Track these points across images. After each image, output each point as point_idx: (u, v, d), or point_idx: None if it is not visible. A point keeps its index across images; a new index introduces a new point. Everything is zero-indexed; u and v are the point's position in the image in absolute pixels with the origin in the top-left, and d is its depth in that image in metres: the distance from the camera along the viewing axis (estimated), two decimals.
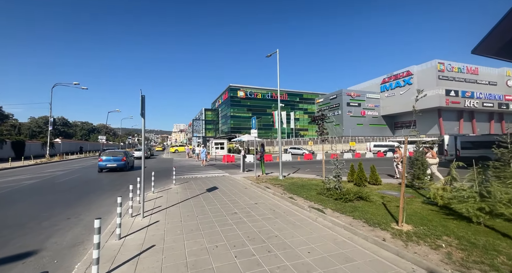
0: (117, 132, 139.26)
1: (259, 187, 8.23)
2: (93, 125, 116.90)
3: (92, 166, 18.72)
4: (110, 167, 14.69)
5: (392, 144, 44.42)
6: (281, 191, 7.28)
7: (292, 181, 9.16)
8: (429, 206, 5.36)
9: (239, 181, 9.76)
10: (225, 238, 3.90)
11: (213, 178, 11.15)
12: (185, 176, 12.19)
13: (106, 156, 15.10)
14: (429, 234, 3.65)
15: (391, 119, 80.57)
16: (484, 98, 65.98)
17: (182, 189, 8.35)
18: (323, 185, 7.14)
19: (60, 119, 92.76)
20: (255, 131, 10.27)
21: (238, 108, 78.89)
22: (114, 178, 11.87)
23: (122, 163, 14.90)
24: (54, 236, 4.35)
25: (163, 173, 13.51)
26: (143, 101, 5.05)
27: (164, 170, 15.46)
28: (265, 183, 8.85)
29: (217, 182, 9.78)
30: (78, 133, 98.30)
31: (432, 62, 65.49)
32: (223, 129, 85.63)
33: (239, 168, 16.37)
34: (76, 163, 22.22)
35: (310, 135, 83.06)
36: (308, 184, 8.40)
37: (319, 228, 4.28)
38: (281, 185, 8.39)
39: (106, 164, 14.60)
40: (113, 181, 10.92)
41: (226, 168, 16.56)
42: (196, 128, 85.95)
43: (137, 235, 4.14)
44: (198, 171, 14.62)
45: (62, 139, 39.67)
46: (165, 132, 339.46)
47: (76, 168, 17.74)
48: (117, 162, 14.79)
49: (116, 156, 15.10)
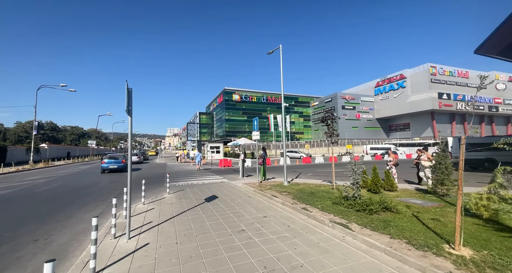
0: (109, 137, 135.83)
1: (264, 195, 7.33)
2: (84, 129, 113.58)
3: (79, 173, 17.38)
4: (112, 168, 16.77)
5: (389, 147, 44.42)
6: (291, 200, 6.40)
7: (299, 188, 8.29)
8: (471, 219, 4.57)
9: (240, 189, 8.83)
10: (235, 270, 2.98)
11: (211, 185, 10.17)
12: (180, 182, 11.15)
13: (108, 159, 17.17)
14: (503, 263, 2.82)
15: (385, 122, 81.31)
16: (475, 101, 67.30)
17: (177, 199, 7.34)
18: (339, 193, 6.31)
19: (49, 124, 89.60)
20: (257, 133, 9.40)
21: (233, 111, 78.03)
22: (102, 186, 10.72)
23: (122, 164, 16.94)
24: (6, 270, 3.32)
25: (156, 180, 12.41)
26: (129, 95, 4.11)
27: (157, 176, 14.35)
28: (270, 190, 7.96)
29: (216, 189, 8.83)
30: (68, 138, 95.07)
31: (425, 66, 66.63)
32: (218, 133, 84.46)
33: (237, 173, 15.43)
34: (62, 170, 20.75)
35: (306, 138, 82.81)
36: (318, 191, 7.55)
37: (352, 253, 3.40)
38: (288, 192, 7.51)
39: (108, 166, 16.68)
40: (100, 190, 9.79)
41: (224, 173, 15.58)
42: (191, 132, 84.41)
43: (118, 267, 3.16)
44: (194, 177, 13.59)
45: (49, 144, 37.72)
46: (159, 136, 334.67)
47: (61, 175, 16.38)
48: (118, 164, 16.87)
49: (117, 159, 17.30)
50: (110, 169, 16.70)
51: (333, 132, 7.89)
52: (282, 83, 9.14)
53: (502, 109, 70.45)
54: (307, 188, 8.29)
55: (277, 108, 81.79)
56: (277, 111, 77.76)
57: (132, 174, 14.62)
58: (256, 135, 9.49)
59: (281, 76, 9.16)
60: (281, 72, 9.17)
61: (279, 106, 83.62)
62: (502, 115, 72.35)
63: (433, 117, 66.48)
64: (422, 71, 66.95)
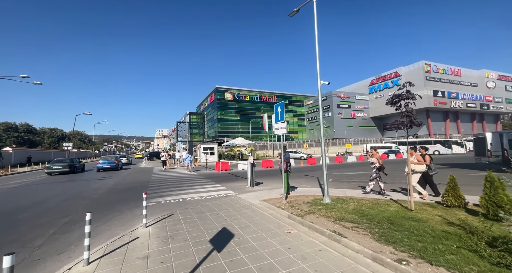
0: (94, 139, 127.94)
1: (315, 229, 4.09)
2: (64, 131, 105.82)
3: (34, 184, 13.53)
4: (106, 168, 19.88)
5: (389, 146, 42.63)
6: (378, 246, 3.36)
7: (354, 209, 5.26)
8: None
9: (262, 211, 5.63)
10: None
11: (214, 202, 6.94)
12: (167, 198, 7.85)
13: (102, 160, 20.54)
14: None
15: (380, 120, 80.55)
16: (468, 98, 67.71)
17: (159, 242, 3.98)
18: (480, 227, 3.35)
19: (23, 125, 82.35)
20: (283, 125, 6.31)
21: (226, 111, 74.54)
22: (50, 207, 7.21)
23: (115, 164, 20.23)
24: None
25: (131, 194, 9.01)
26: None
27: (135, 187, 10.89)
28: (313, 215, 4.88)
29: (224, 213, 5.59)
30: (46, 140, 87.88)
31: (420, 63, 66.16)
32: (209, 133, 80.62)
33: (240, 179, 12.27)
34: (19, 179, 16.72)
35: (301, 138, 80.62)
36: (395, 217, 4.54)
37: None
38: (351, 221, 4.39)
39: (103, 166, 19.82)
40: (40, 216, 6.30)
41: (224, 180, 12.36)
42: (181, 133, 79.95)
43: None
44: (187, 187, 10.28)
45: (14, 148, 32.79)
46: (147, 138, 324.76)
47: (8, 187, 12.54)
48: (111, 164, 20.04)
49: (110, 160, 20.49)
50: (104, 168, 19.91)
51: (414, 118, 4.97)
52: (317, 56, 6.11)
53: (492, 107, 71.35)
54: (367, 209, 5.28)
55: (270, 107, 79.10)
56: (271, 110, 75.00)
57: (105, 184, 11.05)
58: (281, 128, 6.39)
59: (316, 45, 6.14)
60: (315, 38, 6.14)
61: (273, 105, 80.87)
62: (492, 112, 73.42)
63: (428, 115, 66.09)
64: (417, 69, 66.45)
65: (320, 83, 6.13)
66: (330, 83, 6.28)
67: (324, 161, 6.08)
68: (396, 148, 40.80)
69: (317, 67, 6.06)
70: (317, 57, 6.08)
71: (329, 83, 6.19)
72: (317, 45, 6.09)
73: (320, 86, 6.15)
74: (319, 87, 6.16)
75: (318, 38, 6.10)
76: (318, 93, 6.19)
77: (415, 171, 6.61)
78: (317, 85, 6.16)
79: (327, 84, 6.17)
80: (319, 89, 6.17)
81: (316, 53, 6.07)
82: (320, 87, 6.15)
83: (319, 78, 6.11)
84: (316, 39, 6.08)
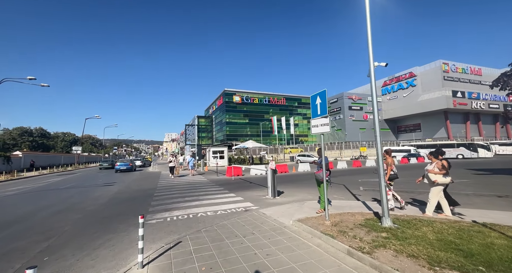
0: (105, 143, 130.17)
1: None
2: (76, 136, 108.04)
3: (34, 191, 12.51)
4: (123, 169, 22.96)
5: (408, 149, 40.02)
6: None
7: (440, 239, 3.63)
8: None
9: (303, 240, 3.82)
10: None
11: (233, 220, 5.42)
12: (174, 213, 6.44)
13: (120, 162, 23.85)
14: None
15: (394, 123, 77.32)
16: (490, 99, 63.83)
17: None
18: None
19: (38, 130, 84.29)
20: (324, 120, 4.79)
21: (234, 114, 73.59)
22: (33, 225, 5.93)
23: (130, 166, 23.46)
24: None
25: (133, 206, 7.67)
26: None
27: (139, 197, 9.58)
28: (386, 251, 3.30)
29: (251, 241, 3.94)
30: (59, 144, 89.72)
31: (436, 63, 63.15)
32: (217, 137, 79.77)
33: (254, 186, 10.75)
34: (20, 185, 15.88)
35: (311, 142, 78.41)
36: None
37: None
38: (459, 269, 2.81)
39: (120, 167, 22.97)
40: (18, 237, 5.02)
41: (238, 187, 10.88)
42: (189, 137, 79.53)
43: None
44: (198, 196, 8.87)
45: (24, 152, 32.64)
46: (156, 142, 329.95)
47: (2, 196, 11.56)
48: (126, 166, 23.26)
49: (126, 163, 23.74)
50: (121, 170, 23.05)
51: None
52: (368, 20, 4.61)
53: None
54: (458, 239, 3.61)
55: (279, 110, 77.61)
56: (280, 113, 73.50)
57: (108, 192, 9.80)
58: (322, 125, 4.88)
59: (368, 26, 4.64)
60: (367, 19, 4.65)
61: (282, 108, 79.42)
62: None
63: (446, 116, 62.63)
64: (434, 68, 63.43)
65: (373, 65, 4.60)
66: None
67: (380, 168, 4.48)
68: (415, 151, 38.16)
69: (368, 39, 4.54)
70: (368, 29, 4.56)
71: (387, 65, 4.66)
72: (368, 13, 4.58)
73: (374, 69, 4.62)
74: (372, 70, 4.63)
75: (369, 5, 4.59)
76: (371, 75, 4.64)
77: (436, 182, 5.09)
78: (369, 66, 4.64)
79: (385, 66, 4.64)
80: (372, 72, 4.63)
81: (367, 24, 4.55)
82: (374, 70, 4.62)
83: (371, 58, 4.58)
84: (366, 4, 4.57)
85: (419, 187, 8.65)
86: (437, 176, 5.15)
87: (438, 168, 5.19)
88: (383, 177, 4.47)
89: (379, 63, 4.63)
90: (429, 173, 5.28)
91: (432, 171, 5.25)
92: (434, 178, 5.16)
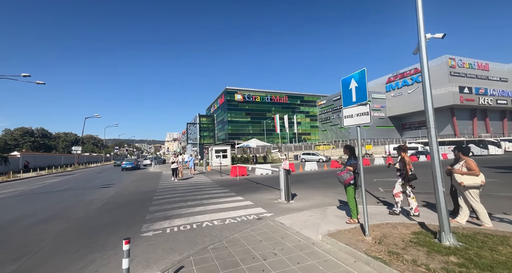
0: (107, 143, 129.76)
1: None
2: (78, 136, 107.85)
3: (21, 195, 11.63)
4: (128, 168, 25.80)
5: (415, 147, 38.83)
6: None
7: None
8: None
9: (347, 267, 2.94)
10: None
11: (246, 234, 4.37)
12: (175, 222, 5.49)
13: (125, 161, 27.48)
14: None
15: (398, 120, 75.89)
16: (498, 95, 62.26)
17: None
18: None
19: (39, 130, 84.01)
20: (363, 109, 3.81)
21: (236, 112, 72.63)
22: (9, 235, 5.03)
23: (135, 165, 26.51)
24: None
25: (129, 212, 6.73)
26: None
27: (137, 201, 8.65)
28: None
29: (275, 268, 3.07)
30: (60, 145, 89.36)
31: (443, 58, 61.59)
32: (219, 136, 78.84)
33: (262, 188, 9.78)
34: (14, 187, 15.06)
35: (314, 140, 77.29)
36: None
37: None
38: None
39: (126, 166, 25.84)
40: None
41: (245, 189, 9.92)
42: (191, 136, 78.63)
43: None
44: (202, 200, 7.92)
45: (23, 153, 31.89)
46: (158, 141, 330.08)
47: None
48: (132, 165, 26.29)
49: (131, 161, 27.17)
50: (127, 168, 25.60)
51: None
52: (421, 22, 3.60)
53: None
54: None
55: (282, 108, 76.53)
56: (282, 111, 72.35)
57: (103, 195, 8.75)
58: (359, 115, 3.91)
59: None
60: None
61: (284, 106, 78.24)
62: None
63: (453, 113, 61.17)
64: (440, 64, 61.86)
65: (424, 37, 3.60)
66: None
67: (438, 170, 3.49)
68: (423, 149, 36.96)
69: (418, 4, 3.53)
70: None
71: (444, 36, 3.65)
72: None
73: (425, 42, 3.61)
74: (423, 44, 3.62)
75: None
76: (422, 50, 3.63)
77: (462, 185, 4.24)
78: (418, 39, 3.64)
79: (442, 37, 3.64)
80: (422, 45, 3.63)
81: None
82: (425, 43, 3.62)
83: (421, 28, 3.57)
84: None
85: None
86: (464, 177, 4.25)
87: (466, 168, 4.30)
88: (440, 181, 3.48)
89: (433, 35, 3.61)
90: (455, 174, 4.35)
91: (458, 171, 4.33)
92: (460, 179, 4.27)
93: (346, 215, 5.20)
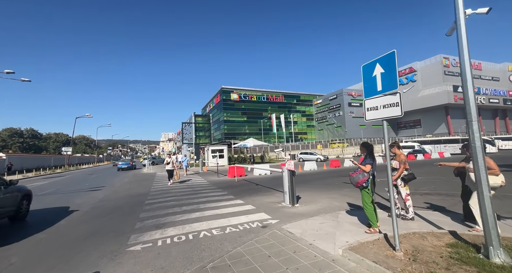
0: (100, 144, 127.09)
1: None
2: (69, 136, 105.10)
3: None
4: (124, 168, 26.52)
5: (412, 145, 38.81)
6: None
7: None
8: None
9: None
10: None
11: (251, 248, 3.77)
12: (168, 232, 4.82)
13: (121, 162, 29.41)
14: None
15: (394, 119, 76.30)
16: (490, 94, 63.17)
17: None
18: None
19: (29, 131, 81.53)
20: (391, 98, 3.23)
21: (232, 112, 71.76)
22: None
23: (130, 165, 27.36)
24: None
25: (115, 220, 6.00)
26: None
27: (126, 205, 7.91)
28: None
29: None
30: (51, 146, 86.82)
31: (437, 57, 62.15)
32: (215, 136, 77.82)
33: (262, 189, 9.13)
34: None
35: (310, 139, 77.09)
36: None
37: None
38: None
39: (122, 166, 26.79)
40: None
41: (244, 191, 9.27)
42: (186, 136, 77.44)
43: None
44: (198, 204, 7.24)
45: (9, 154, 30.46)
46: (153, 142, 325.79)
47: None
48: (127, 165, 27.13)
49: (127, 162, 28.26)
50: (123, 168, 26.18)
51: None
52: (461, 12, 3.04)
53: None
54: None
55: (278, 107, 76.10)
56: (279, 110, 71.87)
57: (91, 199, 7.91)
58: (385, 106, 3.33)
59: None
60: None
61: (281, 105, 77.79)
62: None
63: (447, 112, 61.77)
64: (434, 63, 62.43)
65: (463, 13, 3.02)
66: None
67: (483, 172, 2.93)
68: (419, 148, 36.92)
69: None
70: None
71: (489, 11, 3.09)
72: None
73: (464, 19, 3.04)
74: (462, 21, 3.05)
75: None
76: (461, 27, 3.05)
77: None
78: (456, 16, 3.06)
79: (486, 12, 3.07)
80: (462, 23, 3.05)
81: None
82: (464, 21, 3.05)
83: (460, 4, 3.00)
84: None
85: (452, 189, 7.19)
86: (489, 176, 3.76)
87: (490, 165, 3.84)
88: (486, 184, 2.92)
89: (474, 10, 3.04)
90: (470, 173, 3.86)
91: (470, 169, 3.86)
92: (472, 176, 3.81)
93: (360, 222, 4.62)
